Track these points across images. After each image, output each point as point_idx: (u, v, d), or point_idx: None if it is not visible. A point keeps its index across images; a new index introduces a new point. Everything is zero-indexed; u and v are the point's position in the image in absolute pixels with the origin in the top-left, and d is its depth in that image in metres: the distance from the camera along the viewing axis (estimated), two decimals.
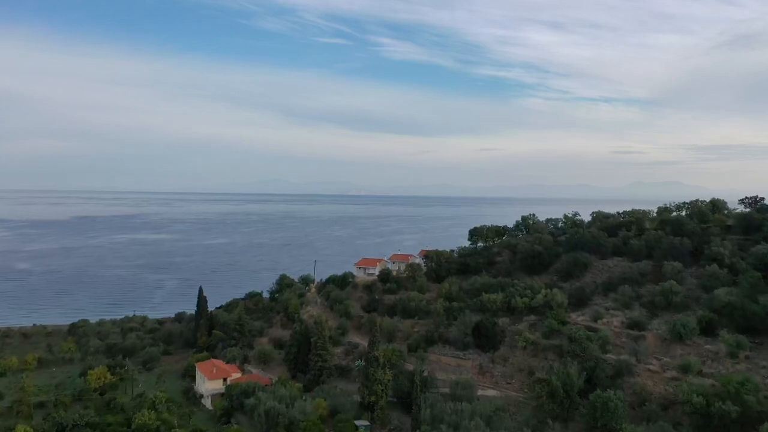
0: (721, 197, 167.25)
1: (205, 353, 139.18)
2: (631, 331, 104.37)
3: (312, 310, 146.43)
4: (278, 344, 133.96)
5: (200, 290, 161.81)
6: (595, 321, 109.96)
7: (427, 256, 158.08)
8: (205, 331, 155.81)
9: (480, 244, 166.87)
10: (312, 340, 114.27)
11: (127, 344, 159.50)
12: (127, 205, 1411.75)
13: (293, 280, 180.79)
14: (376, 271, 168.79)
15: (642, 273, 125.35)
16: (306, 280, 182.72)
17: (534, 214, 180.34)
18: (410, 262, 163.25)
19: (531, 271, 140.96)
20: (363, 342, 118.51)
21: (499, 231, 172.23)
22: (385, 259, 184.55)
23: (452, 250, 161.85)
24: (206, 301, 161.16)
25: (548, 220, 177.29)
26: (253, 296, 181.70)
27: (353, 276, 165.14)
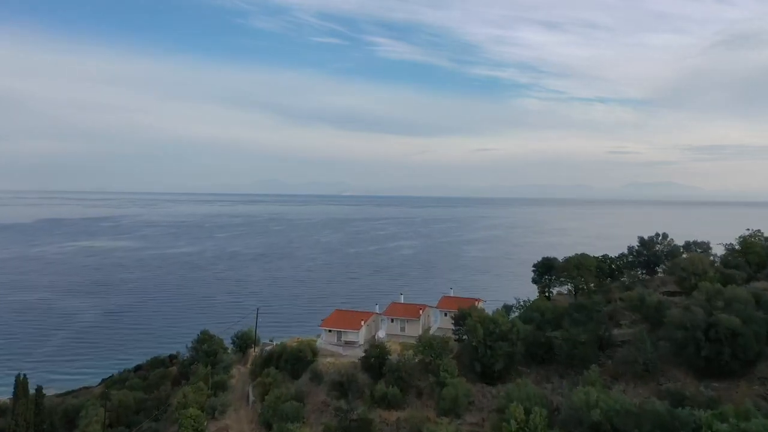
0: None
1: None
2: None
3: (229, 427, 76.90)
4: None
5: (18, 379, 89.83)
6: None
7: (460, 318, 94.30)
8: None
9: (561, 289, 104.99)
10: None
11: None
12: (109, 206, 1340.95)
13: (221, 343, 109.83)
14: (360, 339, 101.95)
15: None
16: (243, 340, 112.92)
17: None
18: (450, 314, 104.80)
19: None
20: None
21: (606, 267, 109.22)
22: (377, 311, 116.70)
23: (510, 308, 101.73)
24: (26, 392, 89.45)
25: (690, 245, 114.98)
26: (155, 364, 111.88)
27: (314, 355, 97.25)
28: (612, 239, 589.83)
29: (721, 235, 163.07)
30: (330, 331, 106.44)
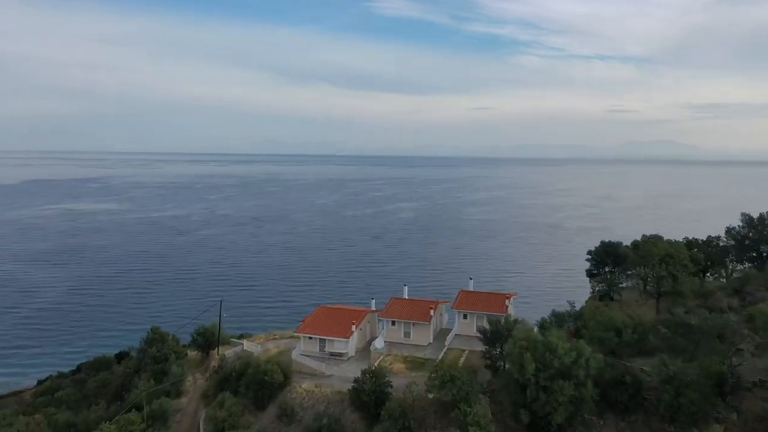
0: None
1: None
2: None
3: None
4: None
5: None
6: None
7: (494, 337, 70.28)
8: None
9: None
10: None
11: None
12: (103, 167, 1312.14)
13: (176, 344, 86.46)
14: (350, 349, 79.79)
15: None
16: (205, 339, 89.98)
17: None
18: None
19: None
20: None
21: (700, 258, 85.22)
22: (373, 308, 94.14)
23: (563, 318, 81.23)
24: None
25: None
26: (98, 366, 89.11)
27: (286, 378, 74.11)
28: (621, 200, 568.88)
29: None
30: (310, 338, 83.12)
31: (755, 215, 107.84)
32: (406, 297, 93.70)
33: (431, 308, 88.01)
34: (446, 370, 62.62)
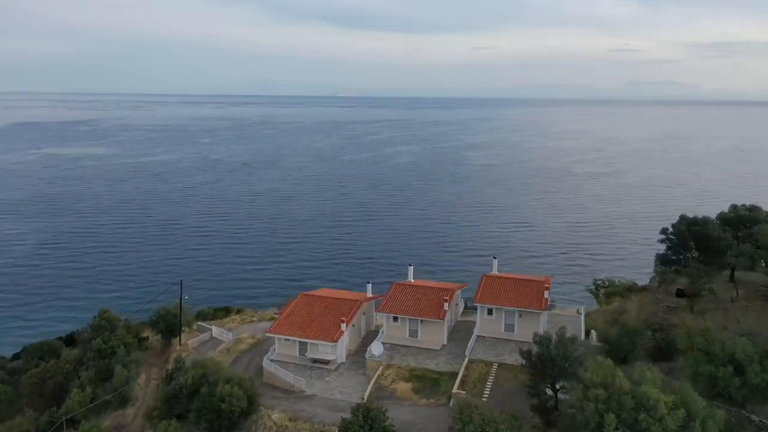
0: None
1: None
2: None
3: None
4: None
5: None
6: None
7: (544, 366, 52.52)
8: None
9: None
10: None
11: None
12: (93, 108, 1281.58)
13: (128, 329, 70.71)
14: (339, 354, 66.67)
15: None
16: (164, 321, 74.43)
17: None
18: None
19: None
20: None
21: None
22: (369, 292, 76.85)
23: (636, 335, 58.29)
24: None
25: None
26: (39, 352, 73.64)
27: (251, 405, 57.80)
28: (627, 143, 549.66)
29: None
30: (288, 340, 66.64)
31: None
32: (412, 280, 75.72)
33: (445, 300, 69.48)
34: (468, 410, 44.92)
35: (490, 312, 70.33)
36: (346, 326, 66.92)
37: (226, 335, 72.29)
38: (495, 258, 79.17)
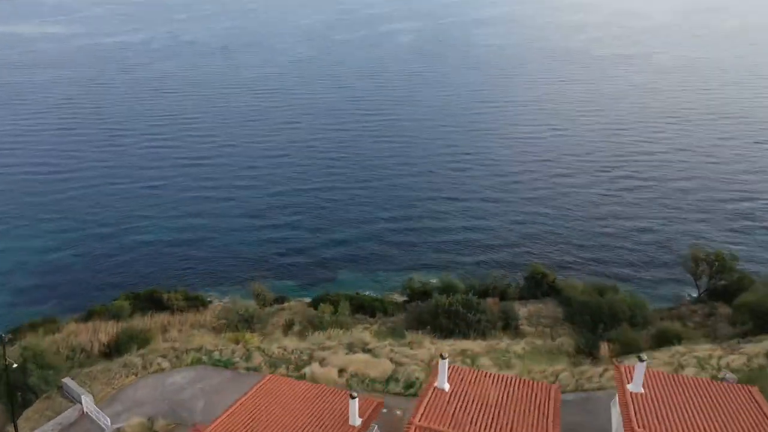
0: None
1: None
2: None
3: None
4: None
5: None
6: None
7: None
8: None
9: None
10: None
11: None
12: None
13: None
14: None
15: None
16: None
17: None
18: None
19: None
20: None
21: None
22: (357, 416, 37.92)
23: None
24: None
25: None
26: None
27: None
28: (648, 17, 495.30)
29: None
30: None
31: None
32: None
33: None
34: None
35: None
36: None
37: (104, 420, 41.18)
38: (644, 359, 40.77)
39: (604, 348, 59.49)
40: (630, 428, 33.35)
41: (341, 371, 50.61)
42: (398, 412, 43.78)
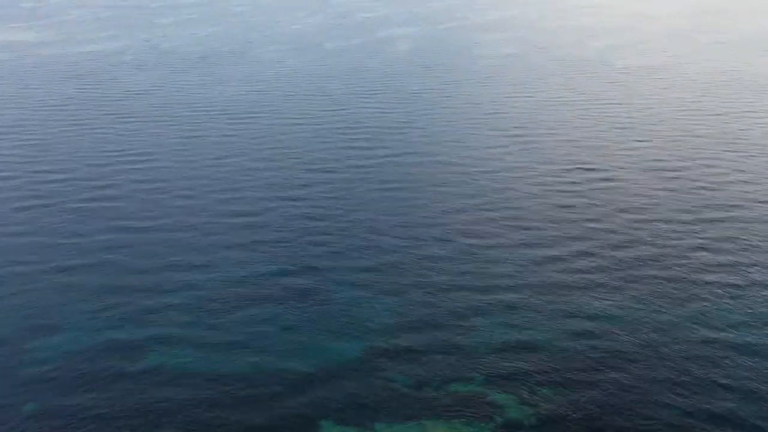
0: None
1: None
2: None
3: None
4: None
5: None
6: None
7: None
8: None
9: None
10: None
11: None
12: None
13: None
14: None
15: None
16: None
17: None
18: None
19: None
20: None
21: None
22: None
23: None
24: None
25: None
26: None
27: None
28: (660, 20, 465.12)
29: None
30: None
31: None
32: None
33: None
34: None
35: None
36: None
37: None
38: None
39: None
40: None
41: None
42: None
